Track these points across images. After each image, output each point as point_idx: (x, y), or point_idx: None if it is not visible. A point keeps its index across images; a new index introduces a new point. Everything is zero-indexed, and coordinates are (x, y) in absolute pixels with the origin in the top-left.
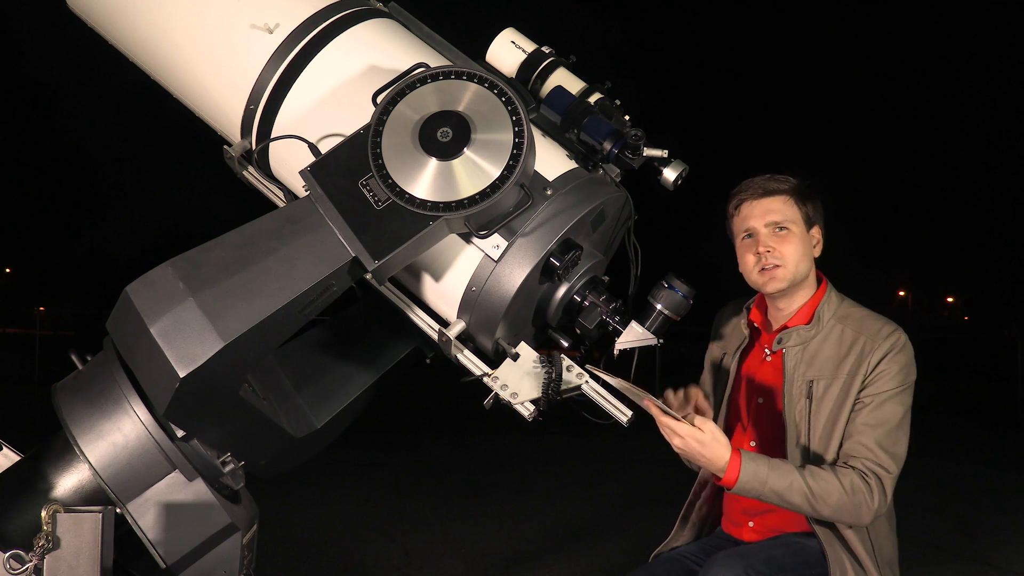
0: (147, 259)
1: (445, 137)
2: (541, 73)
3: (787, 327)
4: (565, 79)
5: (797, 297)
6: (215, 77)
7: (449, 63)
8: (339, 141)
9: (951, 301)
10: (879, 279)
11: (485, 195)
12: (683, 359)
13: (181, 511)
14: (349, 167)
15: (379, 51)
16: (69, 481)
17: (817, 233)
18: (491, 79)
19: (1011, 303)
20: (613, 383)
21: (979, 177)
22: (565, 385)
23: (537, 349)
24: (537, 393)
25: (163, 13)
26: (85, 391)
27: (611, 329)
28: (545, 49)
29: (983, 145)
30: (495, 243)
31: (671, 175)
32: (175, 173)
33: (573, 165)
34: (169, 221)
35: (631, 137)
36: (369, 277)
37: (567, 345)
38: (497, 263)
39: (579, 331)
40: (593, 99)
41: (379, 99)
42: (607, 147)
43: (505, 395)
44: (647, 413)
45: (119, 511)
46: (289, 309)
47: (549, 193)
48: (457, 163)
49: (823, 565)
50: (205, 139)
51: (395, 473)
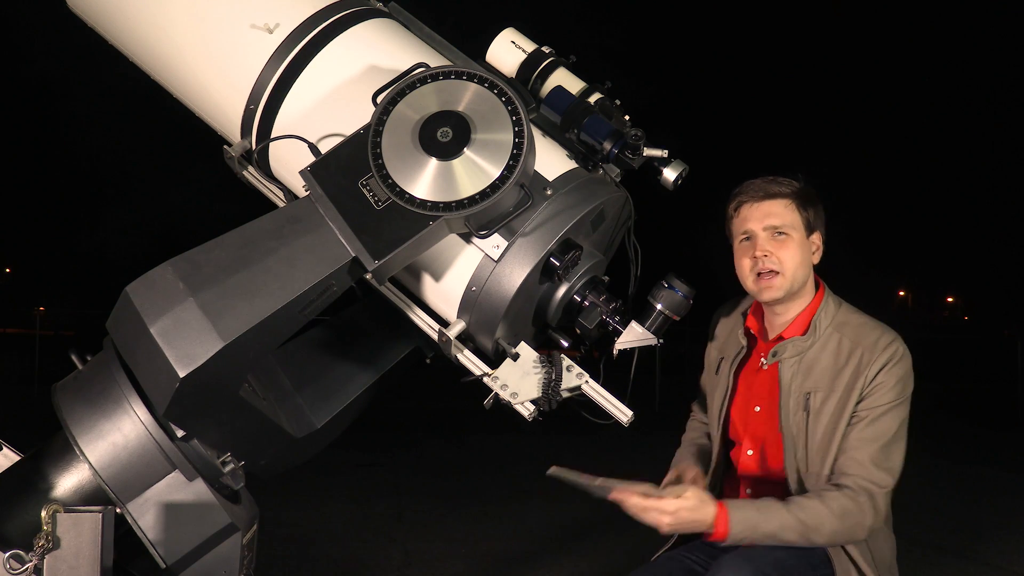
0: (147, 259)
1: (445, 137)
2: (541, 73)
3: (783, 337)
4: (565, 79)
5: (794, 305)
6: (215, 77)
7: (449, 63)
8: (339, 141)
9: (951, 301)
10: (879, 279)
11: (485, 195)
12: (683, 359)
13: (181, 511)
14: (349, 167)
15: (379, 51)
16: (69, 481)
17: (817, 239)
18: (491, 79)
19: (1011, 303)
20: (579, 480)
21: (979, 177)
22: (565, 385)
23: (537, 349)
24: (537, 393)
25: (163, 13)
26: (85, 391)
27: (611, 329)
28: (545, 49)
29: (983, 145)
30: (495, 243)
31: (671, 175)
32: (175, 173)
33: (573, 165)
34: (169, 221)
35: (631, 137)
36: (369, 277)
37: (567, 345)
38: (497, 263)
39: (579, 331)
40: (593, 99)
41: (379, 99)
42: (607, 147)
43: (505, 395)
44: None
45: (119, 511)
46: (289, 309)
47: (549, 193)
48: (457, 163)
49: (828, 567)
50: (205, 139)
51: (395, 473)
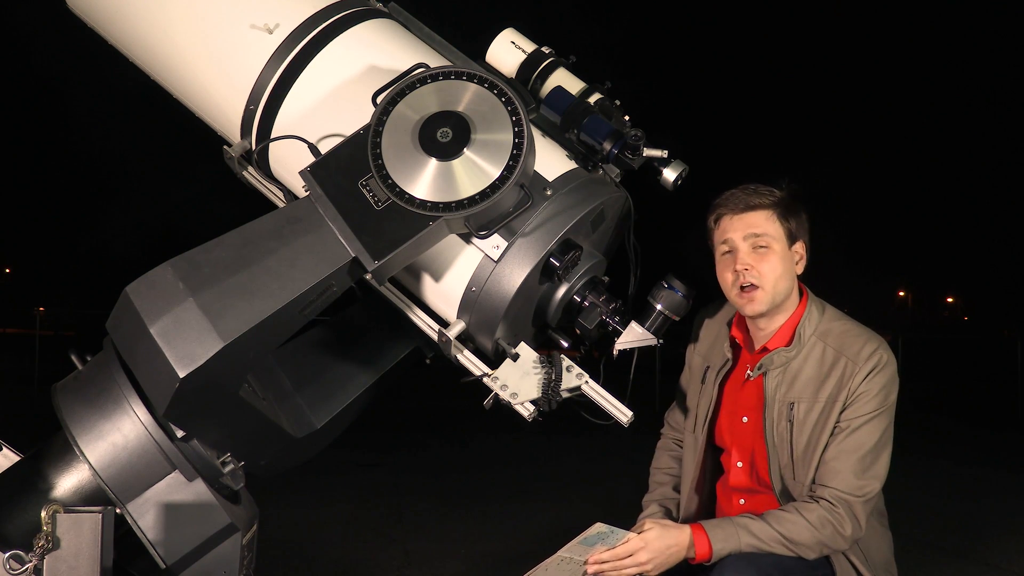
0: (147, 259)
1: (445, 137)
2: (541, 73)
3: (768, 348)
4: (565, 79)
5: (778, 316)
6: (215, 77)
7: (449, 63)
8: (339, 141)
9: (951, 301)
10: (879, 279)
11: (485, 195)
12: (682, 359)
13: (181, 511)
14: (349, 167)
15: (379, 51)
16: (69, 481)
17: (800, 248)
18: (491, 79)
19: (1011, 303)
20: (559, 555)
21: (979, 177)
22: (565, 385)
23: (537, 349)
24: (537, 393)
25: (163, 13)
26: (85, 391)
27: (611, 329)
28: (545, 49)
29: (984, 145)
30: (495, 243)
31: (671, 175)
32: (175, 173)
33: (573, 165)
34: (169, 221)
35: (631, 137)
36: (369, 277)
37: (567, 345)
38: (497, 263)
39: (579, 331)
40: (593, 99)
41: (379, 99)
42: (607, 147)
43: (505, 395)
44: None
45: (119, 511)
46: (289, 309)
47: (549, 193)
48: (457, 163)
49: (828, 567)
50: (205, 139)
51: (395, 473)
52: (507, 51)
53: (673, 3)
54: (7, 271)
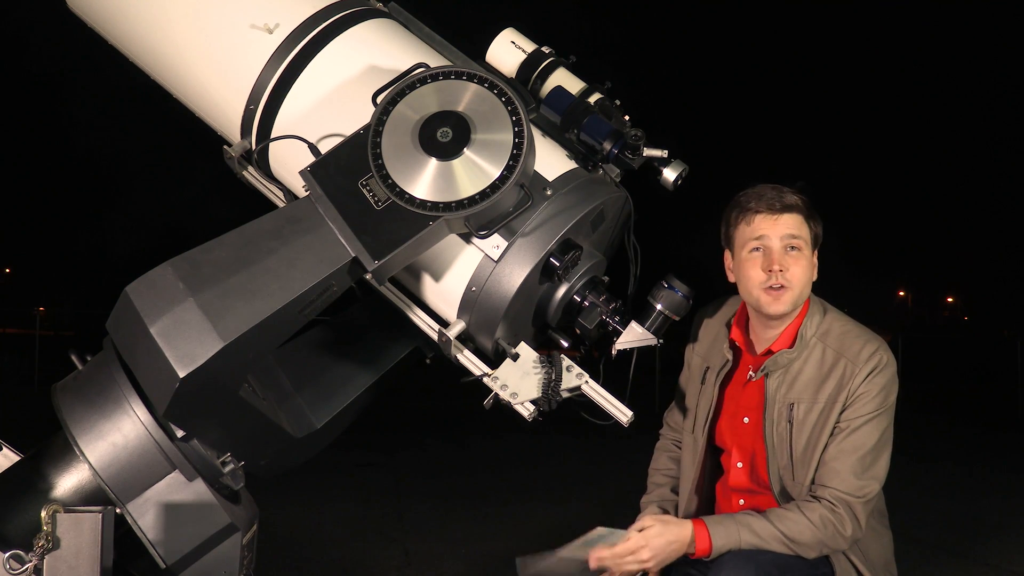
0: (147, 259)
1: (445, 137)
2: (541, 73)
3: (772, 351)
4: (565, 79)
5: (787, 318)
6: (215, 77)
7: (449, 63)
8: (339, 141)
9: (951, 301)
10: (879, 279)
11: (485, 195)
12: (682, 359)
13: (181, 511)
14: (349, 167)
15: (379, 51)
16: (69, 481)
17: (815, 256)
18: (491, 79)
19: (1011, 303)
20: (548, 564)
21: (979, 177)
22: (565, 385)
23: (537, 349)
24: (537, 393)
25: (163, 13)
26: (85, 391)
27: (611, 329)
28: (545, 49)
29: (984, 145)
30: (495, 243)
31: (671, 175)
32: (175, 173)
33: (573, 165)
34: (169, 221)
35: (631, 137)
36: (369, 277)
37: (567, 345)
38: (497, 263)
39: (579, 331)
40: (593, 99)
41: (379, 99)
42: (607, 147)
43: (505, 395)
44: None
45: (119, 511)
46: (289, 309)
47: (549, 193)
48: (457, 163)
49: (827, 565)
50: (205, 139)
51: (395, 473)
52: (507, 51)
53: (673, 3)
54: (7, 271)
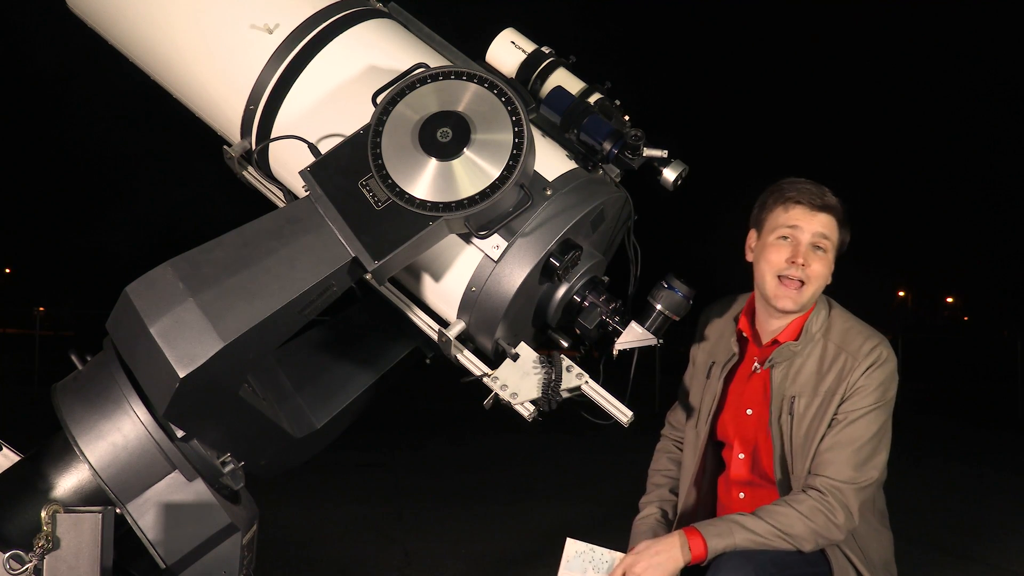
0: (147, 259)
1: (445, 137)
2: (541, 73)
3: (778, 342)
4: (565, 79)
5: (793, 313)
6: (215, 77)
7: (449, 63)
8: (339, 141)
9: (951, 301)
10: (879, 279)
11: (485, 195)
12: (682, 359)
13: (181, 511)
14: (349, 167)
15: (379, 51)
16: (69, 481)
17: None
18: (491, 79)
19: (1011, 303)
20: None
21: (979, 177)
22: (565, 385)
23: (537, 349)
24: (537, 393)
25: (163, 13)
26: (85, 391)
27: (611, 329)
28: (545, 49)
29: (984, 145)
30: (495, 243)
31: (671, 175)
32: (175, 173)
33: (573, 165)
34: (169, 221)
35: (631, 137)
36: (369, 277)
37: (567, 345)
38: (497, 263)
39: (579, 331)
40: (593, 99)
41: (379, 99)
42: (607, 147)
43: (505, 395)
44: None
45: (119, 511)
46: (289, 309)
47: (549, 193)
48: (457, 163)
49: (825, 563)
50: (205, 139)
51: (395, 473)
52: (507, 51)
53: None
54: (7, 271)
